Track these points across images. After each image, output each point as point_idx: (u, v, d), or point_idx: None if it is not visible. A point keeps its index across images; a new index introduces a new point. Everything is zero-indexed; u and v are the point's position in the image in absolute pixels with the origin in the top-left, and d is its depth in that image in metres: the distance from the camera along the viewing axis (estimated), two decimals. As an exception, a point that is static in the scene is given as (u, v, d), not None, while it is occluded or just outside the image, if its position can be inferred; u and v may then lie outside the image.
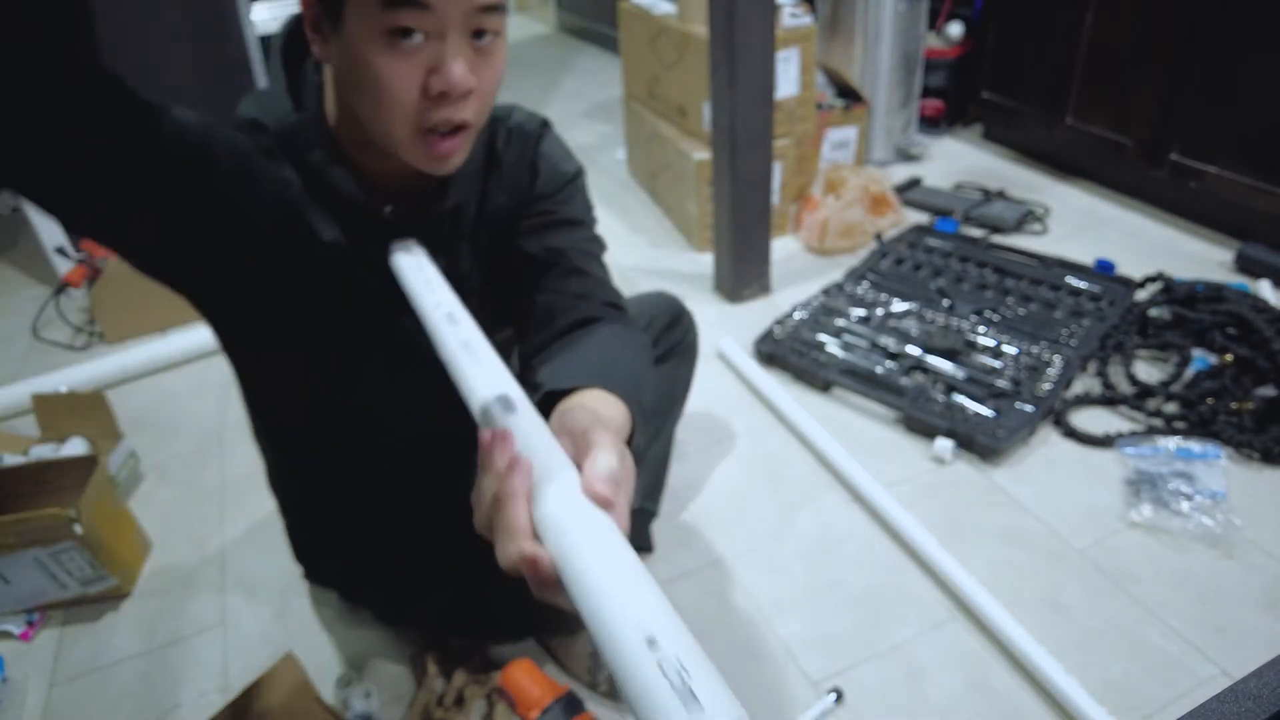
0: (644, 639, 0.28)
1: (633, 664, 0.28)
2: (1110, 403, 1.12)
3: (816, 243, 1.58)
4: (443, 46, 0.49)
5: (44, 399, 1.14)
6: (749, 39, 1.20)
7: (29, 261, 1.80)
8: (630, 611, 0.29)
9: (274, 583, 0.97)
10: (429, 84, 0.50)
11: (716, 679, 0.28)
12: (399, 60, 0.49)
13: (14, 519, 0.86)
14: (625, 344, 0.57)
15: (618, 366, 0.52)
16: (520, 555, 0.33)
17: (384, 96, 0.50)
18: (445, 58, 0.49)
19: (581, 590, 0.31)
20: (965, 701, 0.78)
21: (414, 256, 0.57)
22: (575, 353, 0.54)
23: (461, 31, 0.49)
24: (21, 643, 0.92)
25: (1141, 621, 0.84)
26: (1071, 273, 1.38)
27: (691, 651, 0.29)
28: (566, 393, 0.47)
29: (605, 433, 0.39)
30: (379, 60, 0.49)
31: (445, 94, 0.50)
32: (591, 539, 0.32)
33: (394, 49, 0.48)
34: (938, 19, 1.96)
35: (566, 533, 0.33)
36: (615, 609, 0.30)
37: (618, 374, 0.50)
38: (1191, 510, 0.94)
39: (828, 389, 1.21)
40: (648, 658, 0.28)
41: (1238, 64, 1.36)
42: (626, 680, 0.28)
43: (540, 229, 0.64)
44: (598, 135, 2.28)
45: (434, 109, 0.51)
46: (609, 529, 0.33)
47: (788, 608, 0.89)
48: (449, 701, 0.78)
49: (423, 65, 0.49)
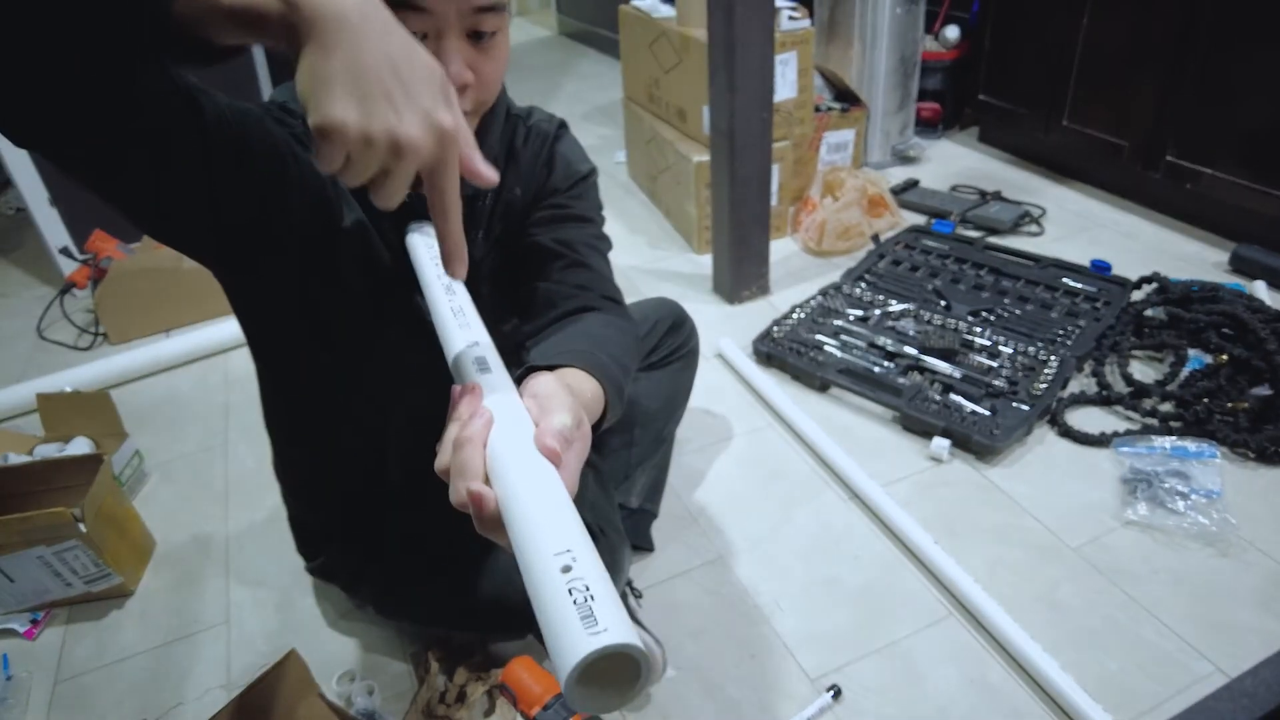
0: (560, 565, 0.30)
1: (547, 586, 0.30)
2: (1106, 402, 1.13)
3: (814, 244, 1.59)
4: (439, 45, 0.50)
5: (49, 399, 1.14)
6: (748, 42, 1.21)
7: (34, 262, 1.81)
8: (552, 540, 0.31)
9: (277, 581, 0.97)
10: None
11: (617, 606, 0.29)
12: None
13: (19, 518, 0.86)
14: (611, 329, 0.60)
15: (600, 349, 0.54)
16: (468, 492, 0.34)
17: None
18: (442, 56, 0.50)
19: (513, 522, 0.33)
20: (962, 698, 0.79)
21: (426, 236, 0.58)
22: (563, 335, 0.57)
23: (458, 32, 0.51)
24: (26, 641, 0.93)
25: (1137, 619, 0.84)
26: (1067, 273, 1.39)
27: (600, 581, 0.30)
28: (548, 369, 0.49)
29: (568, 397, 0.40)
30: None
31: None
32: (530, 481, 0.34)
33: None
34: (935, 23, 1.97)
35: (509, 472, 0.35)
36: (539, 536, 0.32)
37: (599, 356, 0.52)
38: (1187, 509, 0.95)
39: (825, 389, 1.22)
40: (560, 580, 0.30)
41: (1233, 66, 1.37)
42: (539, 601, 0.30)
43: (551, 221, 0.66)
44: (598, 138, 2.30)
45: None
46: (549, 475, 0.35)
47: (786, 605, 0.89)
48: (451, 698, 0.79)
49: None
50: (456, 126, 0.37)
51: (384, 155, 0.35)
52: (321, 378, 0.69)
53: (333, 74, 0.34)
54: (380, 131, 0.35)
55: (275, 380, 0.72)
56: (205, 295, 1.47)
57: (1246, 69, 1.35)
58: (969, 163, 1.93)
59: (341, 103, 0.34)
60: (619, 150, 2.11)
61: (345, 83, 0.34)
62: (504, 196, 0.66)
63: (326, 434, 0.74)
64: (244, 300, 0.64)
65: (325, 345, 0.65)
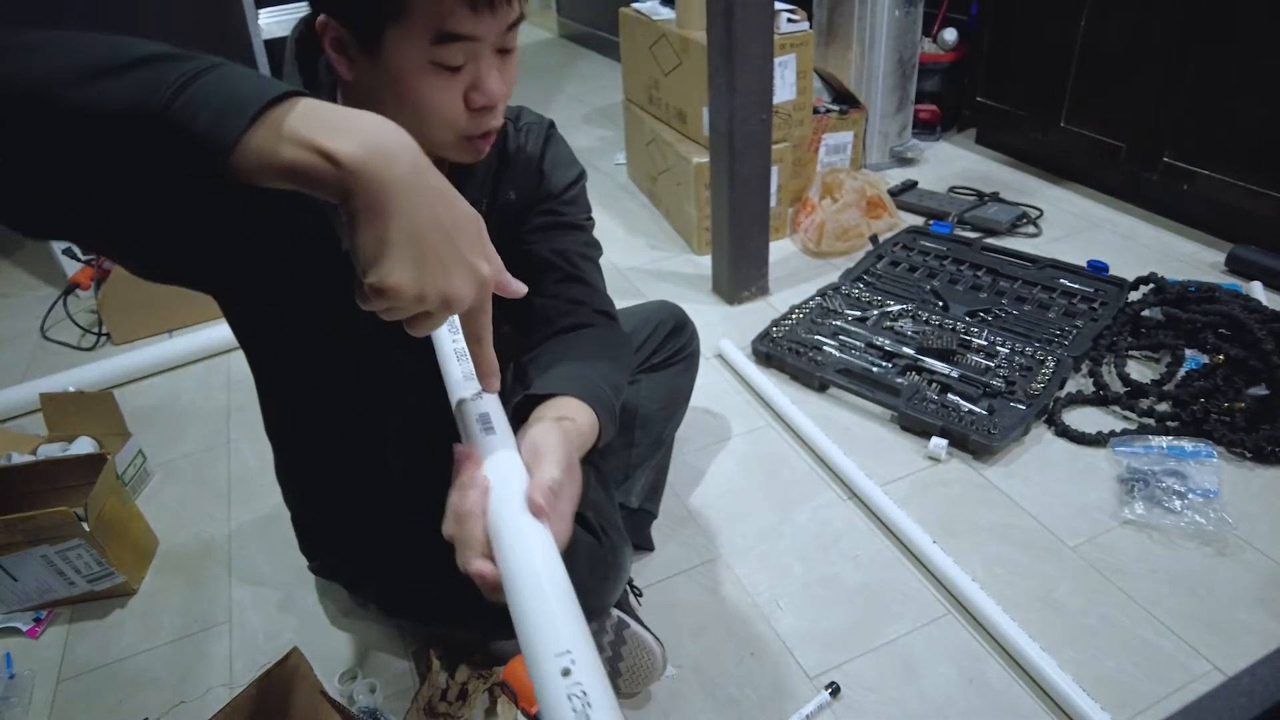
0: (560, 668, 0.34)
1: (549, 689, 0.34)
2: (1103, 402, 1.14)
3: (813, 245, 1.59)
4: (479, 65, 0.53)
5: (52, 398, 1.15)
6: (747, 45, 1.22)
7: (37, 263, 1.82)
8: (551, 639, 0.35)
9: (280, 579, 0.98)
10: (470, 98, 0.54)
11: (612, 709, 0.33)
12: (445, 84, 0.52)
13: (22, 517, 0.87)
14: (605, 350, 0.64)
15: (595, 374, 0.58)
16: (472, 569, 0.40)
17: (430, 115, 0.54)
18: (483, 75, 0.53)
19: (515, 612, 0.38)
20: (960, 696, 0.79)
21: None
22: (560, 361, 0.61)
23: (492, 51, 0.54)
24: (29, 639, 0.93)
25: (1135, 618, 0.85)
26: (1065, 274, 1.40)
27: (596, 684, 0.34)
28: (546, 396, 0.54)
29: (559, 447, 0.45)
30: (425, 85, 0.52)
31: (486, 106, 0.54)
32: (525, 559, 0.39)
33: (439, 75, 0.52)
34: (933, 25, 1.98)
35: (505, 549, 0.40)
36: (540, 635, 0.36)
37: (595, 383, 0.56)
38: (1184, 508, 0.95)
39: (824, 389, 1.22)
40: (560, 685, 0.34)
41: (1230, 68, 1.38)
42: (543, 700, 0.34)
43: (547, 229, 0.69)
44: (598, 139, 2.30)
45: (477, 120, 0.55)
46: (542, 544, 0.40)
47: (785, 604, 0.90)
48: (452, 696, 0.79)
49: (463, 84, 0.53)
50: (495, 272, 0.41)
51: (433, 308, 0.38)
52: (321, 389, 0.70)
53: (390, 241, 0.36)
54: (433, 292, 0.37)
55: (274, 391, 0.72)
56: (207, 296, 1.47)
57: (1243, 71, 1.36)
58: (967, 164, 1.93)
59: (399, 268, 0.36)
60: (619, 151, 2.11)
61: (402, 248, 0.36)
62: (499, 202, 0.68)
63: (327, 439, 0.74)
64: (244, 323, 0.66)
65: (326, 363, 0.66)
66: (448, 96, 0.53)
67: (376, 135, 0.35)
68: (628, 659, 0.79)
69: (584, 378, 0.56)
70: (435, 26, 0.50)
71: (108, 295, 1.47)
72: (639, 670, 0.79)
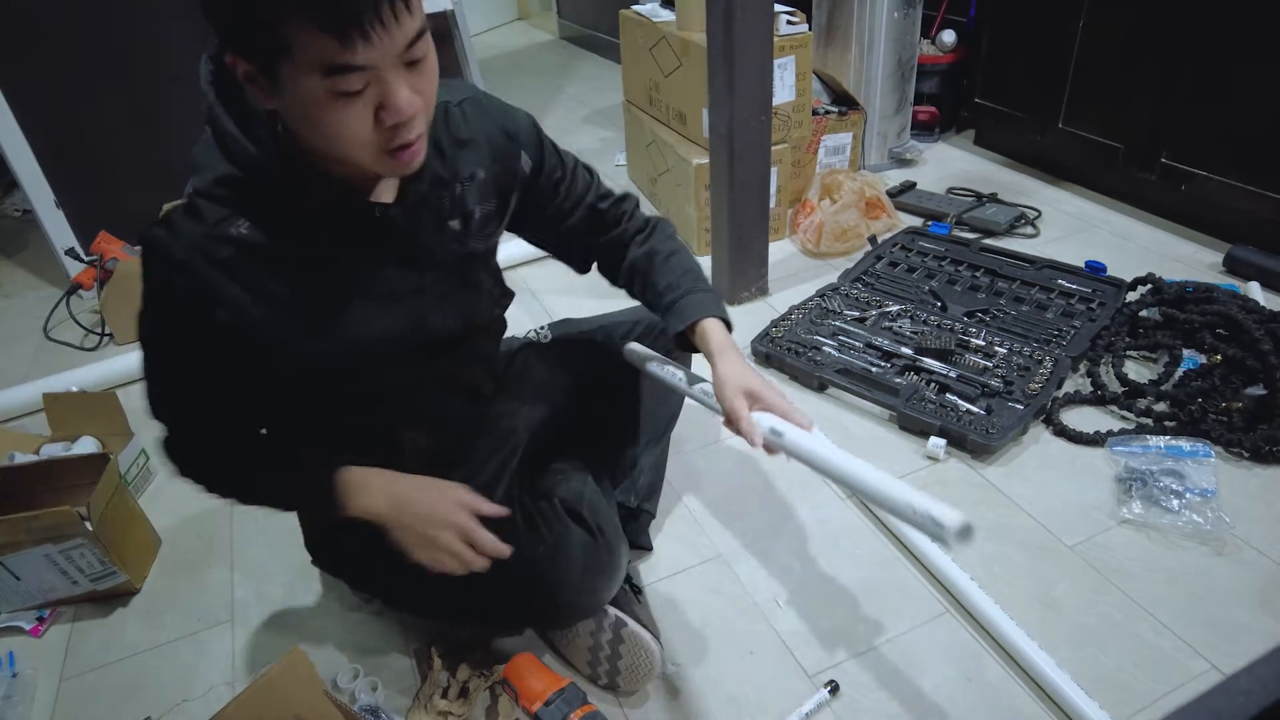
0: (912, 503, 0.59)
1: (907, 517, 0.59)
2: (1101, 402, 1.14)
3: (813, 245, 1.60)
4: (384, 85, 0.52)
5: (55, 398, 1.15)
6: (747, 46, 1.22)
7: (40, 264, 1.82)
8: (901, 494, 0.60)
9: (281, 578, 0.98)
10: (381, 118, 0.53)
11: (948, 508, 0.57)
12: (349, 108, 0.52)
13: (25, 516, 0.87)
14: (678, 253, 0.81)
15: (697, 282, 0.79)
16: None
17: (341, 141, 0.54)
18: (389, 94, 0.52)
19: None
20: (959, 695, 0.79)
21: (665, 367, 0.82)
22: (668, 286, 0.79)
23: (396, 69, 0.53)
24: (32, 638, 0.94)
25: (1133, 617, 0.85)
26: (1063, 274, 1.40)
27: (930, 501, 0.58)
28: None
29: (764, 388, 0.73)
30: (329, 114, 0.52)
31: (398, 124, 0.53)
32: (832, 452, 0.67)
33: (340, 101, 0.52)
34: (932, 27, 1.99)
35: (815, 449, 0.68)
36: (890, 493, 0.61)
37: (709, 296, 0.78)
38: (1182, 508, 0.95)
39: (823, 389, 1.23)
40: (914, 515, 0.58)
41: (1228, 69, 1.39)
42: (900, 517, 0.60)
43: (563, 198, 0.79)
44: (599, 140, 2.31)
45: (391, 136, 0.54)
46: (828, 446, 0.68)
47: (784, 602, 0.90)
48: (453, 694, 0.79)
49: (370, 105, 0.53)
50: (470, 516, 0.69)
51: (447, 552, 0.69)
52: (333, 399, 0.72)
53: (402, 541, 0.70)
54: (443, 555, 0.69)
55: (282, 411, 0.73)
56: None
57: (1241, 72, 1.37)
58: (965, 165, 1.94)
59: (418, 552, 0.70)
60: (619, 153, 2.12)
61: (412, 543, 0.70)
62: (466, 185, 0.70)
63: (334, 440, 0.75)
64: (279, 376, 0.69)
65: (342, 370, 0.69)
66: (355, 120, 0.52)
67: (368, 504, 0.69)
68: (626, 657, 0.79)
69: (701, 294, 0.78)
70: (320, 62, 0.49)
71: (110, 296, 1.48)
72: (637, 669, 0.79)
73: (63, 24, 1.59)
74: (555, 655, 0.86)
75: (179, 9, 1.68)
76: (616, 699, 0.81)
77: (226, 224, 0.59)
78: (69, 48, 1.60)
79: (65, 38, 1.59)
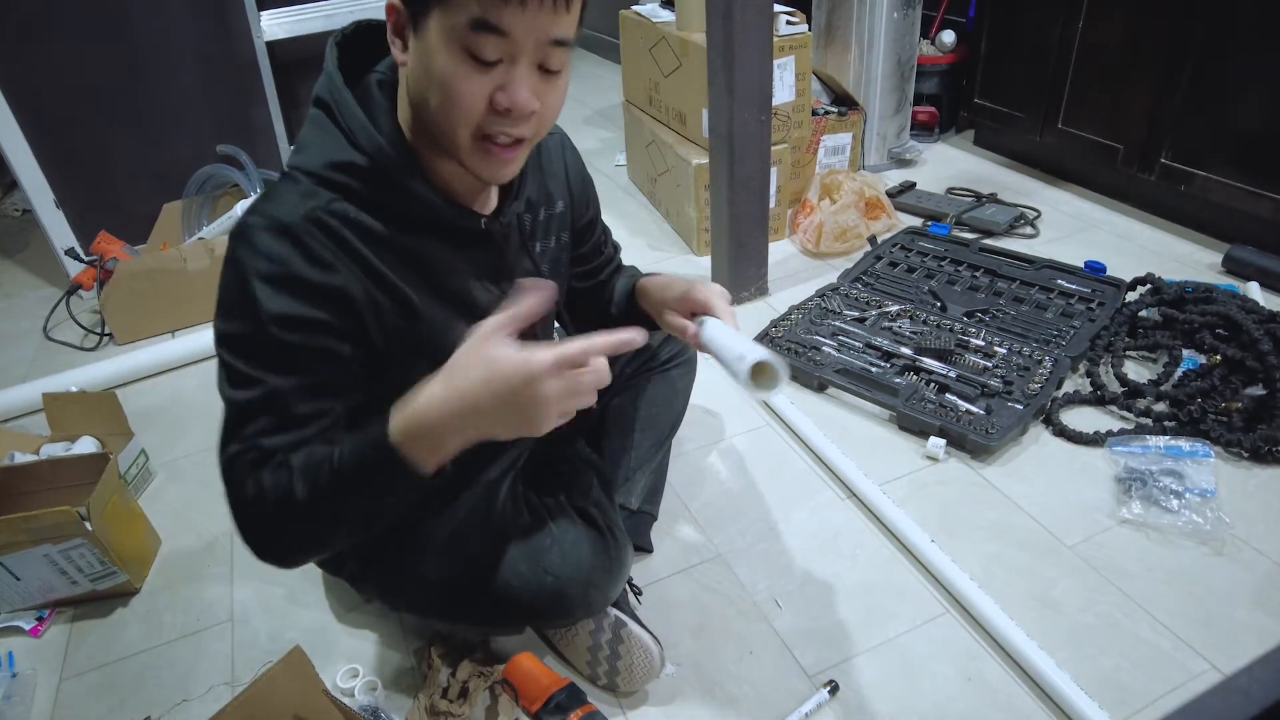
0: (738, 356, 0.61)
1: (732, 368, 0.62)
2: (1100, 402, 1.14)
3: (812, 246, 1.60)
4: (513, 70, 0.54)
5: (55, 398, 1.15)
6: (746, 47, 1.22)
7: (40, 263, 1.82)
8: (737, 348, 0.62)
9: (281, 579, 0.98)
10: (495, 99, 0.54)
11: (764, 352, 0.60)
12: (472, 74, 0.53)
13: (25, 516, 0.87)
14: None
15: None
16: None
17: (453, 102, 0.54)
18: (514, 80, 0.54)
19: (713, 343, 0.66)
20: (958, 694, 0.79)
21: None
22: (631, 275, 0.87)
23: (531, 60, 0.54)
24: (32, 638, 0.94)
25: (1133, 617, 0.85)
26: (1062, 274, 1.41)
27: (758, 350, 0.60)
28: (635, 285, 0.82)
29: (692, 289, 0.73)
30: (454, 71, 0.53)
31: (509, 110, 0.55)
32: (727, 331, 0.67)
33: (469, 64, 0.53)
34: (931, 27, 1.99)
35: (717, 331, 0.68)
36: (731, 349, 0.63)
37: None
38: (1181, 508, 0.95)
39: (823, 389, 1.23)
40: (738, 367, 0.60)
41: (1227, 69, 1.39)
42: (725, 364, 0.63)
43: (600, 242, 0.85)
44: (599, 140, 2.31)
45: (497, 121, 0.55)
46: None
47: (784, 602, 0.90)
48: (453, 694, 0.79)
49: (492, 82, 0.54)
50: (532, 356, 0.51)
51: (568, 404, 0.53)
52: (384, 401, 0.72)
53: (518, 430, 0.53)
54: (564, 403, 0.53)
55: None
56: (210, 296, 1.46)
57: (1240, 72, 1.37)
58: (965, 165, 1.94)
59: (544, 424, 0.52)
60: (619, 153, 2.12)
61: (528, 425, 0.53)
62: (554, 212, 0.75)
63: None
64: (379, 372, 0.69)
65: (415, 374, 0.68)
66: (474, 88, 0.54)
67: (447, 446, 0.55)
68: (625, 658, 0.79)
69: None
70: (472, 13, 0.51)
71: (110, 295, 1.48)
72: (637, 669, 0.79)
73: (63, 24, 1.59)
74: (555, 655, 0.86)
75: (179, 8, 1.68)
76: (616, 699, 0.81)
77: (339, 203, 0.58)
78: (69, 48, 1.60)
79: (65, 38, 1.59)
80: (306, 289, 0.57)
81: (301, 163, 0.59)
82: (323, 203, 0.58)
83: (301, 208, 0.57)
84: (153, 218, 1.71)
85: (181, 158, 1.74)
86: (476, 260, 0.67)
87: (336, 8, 1.77)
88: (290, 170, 0.60)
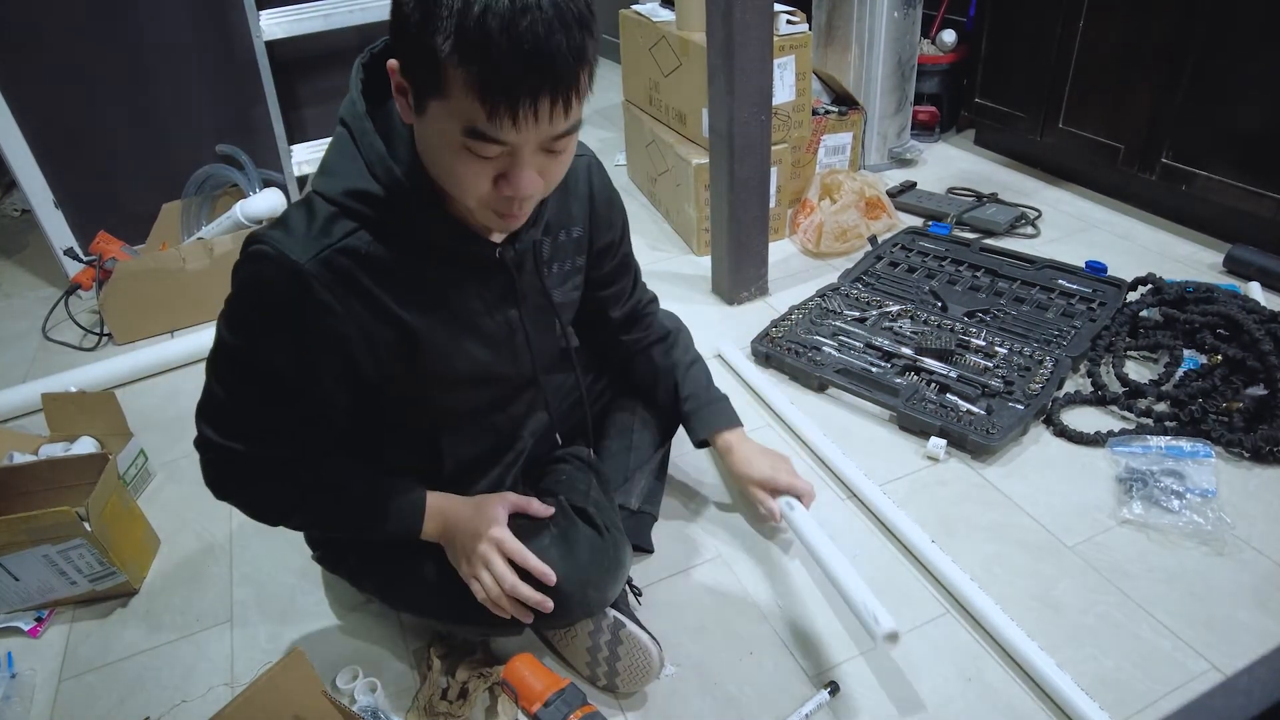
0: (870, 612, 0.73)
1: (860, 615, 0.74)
2: (1101, 402, 1.14)
3: (812, 246, 1.60)
4: (514, 160, 0.54)
5: (54, 399, 1.15)
6: (746, 46, 1.22)
7: (39, 264, 1.82)
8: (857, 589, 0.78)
9: (281, 579, 0.98)
10: (499, 184, 0.55)
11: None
12: (472, 164, 0.53)
13: (24, 517, 0.87)
14: (696, 362, 0.97)
15: (711, 392, 0.96)
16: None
17: (458, 185, 0.55)
18: (517, 170, 0.54)
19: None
20: (958, 695, 0.79)
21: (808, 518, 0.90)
22: (690, 395, 0.95)
23: (533, 152, 0.54)
24: (30, 639, 0.93)
25: (1133, 617, 0.85)
26: (1063, 274, 1.40)
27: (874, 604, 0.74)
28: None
29: (773, 473, 0.91)
30: (454, 159, 0.53)
31: (512, 196, 0.55)
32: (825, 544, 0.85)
33: (469, 154, 0.53)
34: (931, 27, 1.99)
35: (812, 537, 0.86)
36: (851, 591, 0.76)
37: (722, 404, 0.97)
38: (1182, 508, 0.95)
39: (823, 389, 1.23)
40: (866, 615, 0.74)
41: (1228, 69, 1.39)
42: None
43: (621, 266, 0.87)
44: (598, 140, 2.31)
45: (502, 202, 0.56)
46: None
47: (784, 603, 0.90)
48: (453, 695, 0.79)
49: (495, 169, 0.54)
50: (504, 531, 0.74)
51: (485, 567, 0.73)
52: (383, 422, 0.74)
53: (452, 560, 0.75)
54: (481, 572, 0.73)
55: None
56: (209, 296, 1.48)
57: (1241, 72, 1.37)
58: (965, 165, 1.94)
59: (462, 569, 0.75)
60: (619, 153, 2.12)
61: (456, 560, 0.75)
62: (572, 236, 0.75)
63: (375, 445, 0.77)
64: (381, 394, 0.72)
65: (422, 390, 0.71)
66: (475, 175, 0.54)
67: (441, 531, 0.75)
68: (624, 659, 0.79)
69: (715, 404, 0.96)
70: (465, 119, 0.51)
71: (109, 296, 1.48)
72: (636, 670, 0.79)
73: (63, 25, 1.59)
74: (554, 656, 0.85)
75: (178, 9, 1.68)
76: (616, 699, 0.81)
77: (352, 237, 0.60)
78: (69, 48, 1.60)
79: (65, 39, 1.59)
80: (299, 332, 0.60)
81: (324, 188, 0.61)
82: (334, 240, 0.59)
83: (313, 247, 0.59)
84: (152, 218, 1.71)
85: (181, 158, 1.74)
86: (489, 285, 0.68)
87: (335, 7, 1.77)
88: (313, 194, 0.62)
